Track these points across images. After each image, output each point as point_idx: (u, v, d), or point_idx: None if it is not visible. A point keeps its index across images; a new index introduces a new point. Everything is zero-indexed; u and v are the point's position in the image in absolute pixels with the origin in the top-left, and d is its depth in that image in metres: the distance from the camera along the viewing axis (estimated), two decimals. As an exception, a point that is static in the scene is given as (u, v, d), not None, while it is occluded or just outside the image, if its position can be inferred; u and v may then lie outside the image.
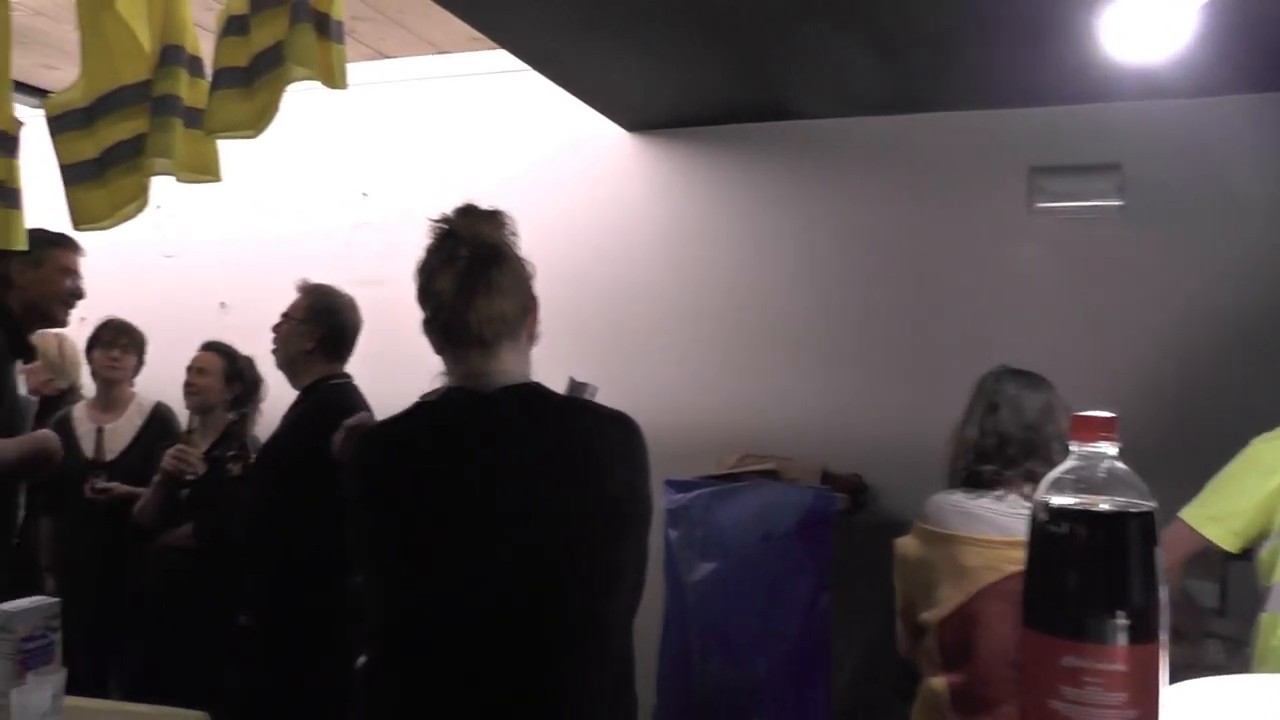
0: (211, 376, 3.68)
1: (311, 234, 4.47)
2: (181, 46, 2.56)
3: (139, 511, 3.55)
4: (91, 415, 3.86)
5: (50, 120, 2.70)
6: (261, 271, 4.41)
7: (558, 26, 3.06)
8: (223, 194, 2.85)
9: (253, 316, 4.21)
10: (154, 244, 3.94)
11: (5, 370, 3.09)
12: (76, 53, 4.11)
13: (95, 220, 2.68)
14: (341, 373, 3.22)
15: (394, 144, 4.41)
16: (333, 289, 3.26)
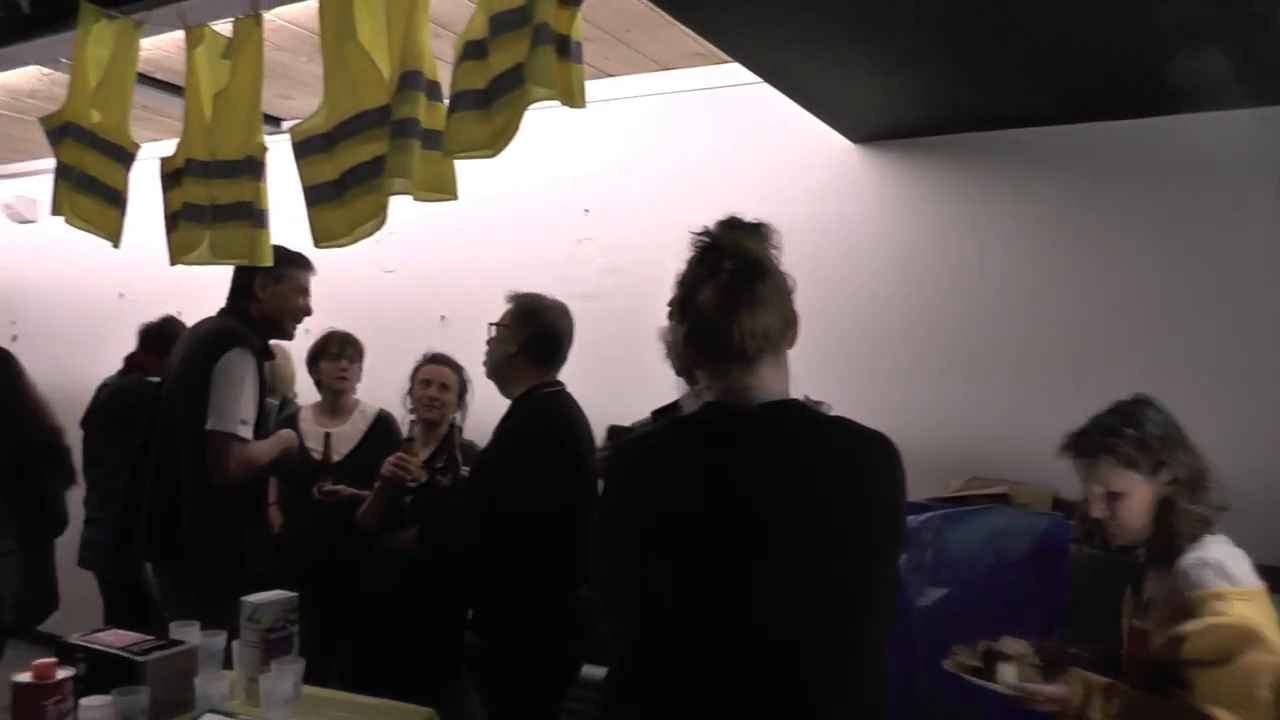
0: (452, 391, 3.79)
1: (532, 250, 4.49)
2: (420, 72, 2.63)
3: (362, 515, 3.66)
4: (318, 420, 4.00)
5: (295, 145, 2.85)
6: (481, 286, 4.47)
7: (792, 39, 2.96)
8: (443, 211, 2.87)
9: (472, 330, 4.30)
10: (374, 259, 4.04)
11: (262, 375, 3.22)
12: (310, 83, 4.37)
13: (335, 238, 2.81)
14: (554, 380, 3.18)
15: (616, 161, 4.39)
16: (540, 295, 3.24)
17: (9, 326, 4.50)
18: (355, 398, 4.07)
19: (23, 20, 3.93)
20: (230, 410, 3.16)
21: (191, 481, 3.21)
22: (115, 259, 4.60)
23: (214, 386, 3.17)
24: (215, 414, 3.15)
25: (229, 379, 3.18)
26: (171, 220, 3.26)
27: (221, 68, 3.12)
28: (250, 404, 3.23)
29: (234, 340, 3.24)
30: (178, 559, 3.27)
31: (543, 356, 3.14)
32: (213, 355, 3.21)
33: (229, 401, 3.17)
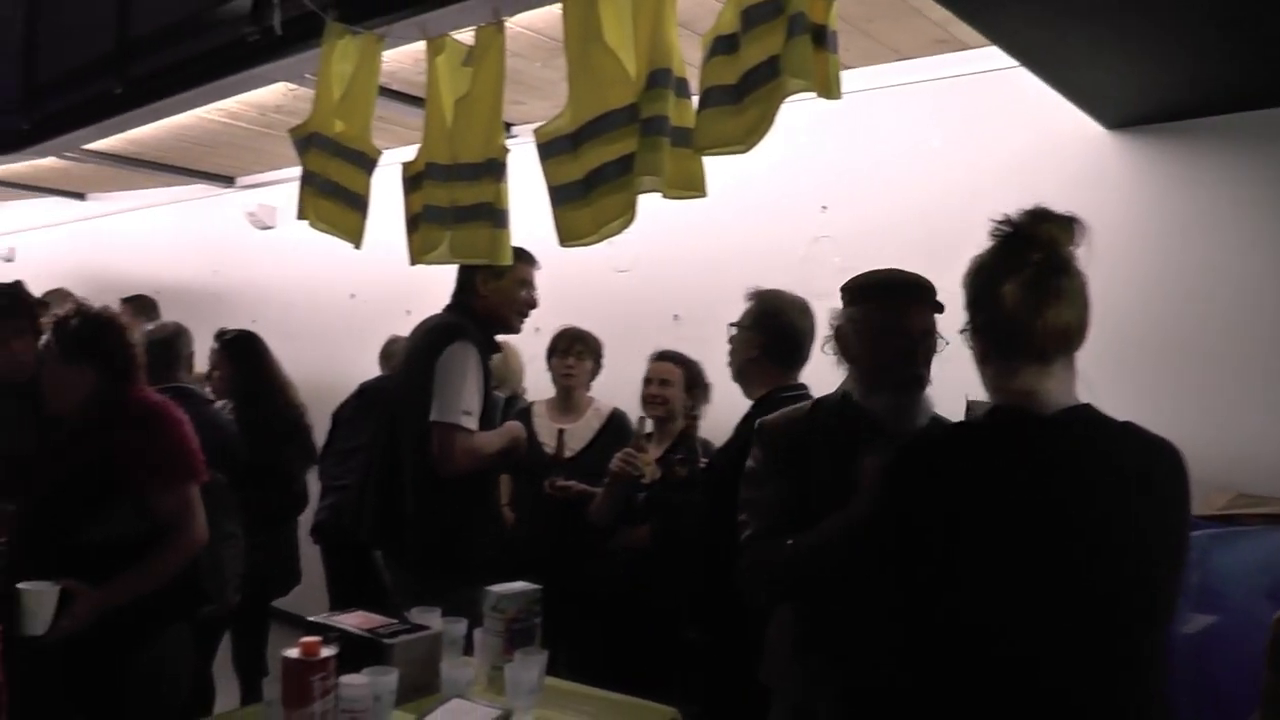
0: (675, 387, 3.75)
1: (767, 248, 4.40)
2: (669, 69, 2.62)
3: (593, 510, 3.67)
4: (551, 416, 4.02)
5: (540, 147, 2.88)
6: (714, 284, 4.41)
7: (1054, 14, 2.77)
8: (676, 209, 2.84)
9: (705, 329, 4.24)
10: (607, 259, 4.04)
11: (485, 367, 3.29)
12: (543, 88, 4.40)
13: (581, 237, 2.83)
14: (796, 383, 3.05)
15: (854, 156, 4.25)
16: (780, 293, 3.12)
17: (249, 324, 4.70)
18: (589, 395, 4.07)
19: (274, 41, 4.12)
20: (454, 402, 3.19)
21: (415, 471, 3.26)
22: (348, 262, 4.81)
23: (438, 379, 3.21)
24: (439, 405, 3.19)
25: (451, 371, 3.21)
26: (412, 222, 3.36)
27: (462, 75, 3.19)
28: (474, 396, 3.26)
29: (456, 334, 3.28)
30: (401, 545, 3.34)
31: (784, 358, 3.02)
32: (436, 349, 3.25)
33: (452, 393, 3.20)
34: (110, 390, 2.64)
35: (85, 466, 2.56)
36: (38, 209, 9.58)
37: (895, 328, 2.23)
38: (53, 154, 6.86)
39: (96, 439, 2.58)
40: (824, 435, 2.29)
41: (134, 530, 2.56)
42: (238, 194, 7.27)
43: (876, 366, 2.25)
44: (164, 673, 2.66)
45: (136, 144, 6.45)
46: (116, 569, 2.49)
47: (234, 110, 5.36)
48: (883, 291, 2.28)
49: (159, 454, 2.62)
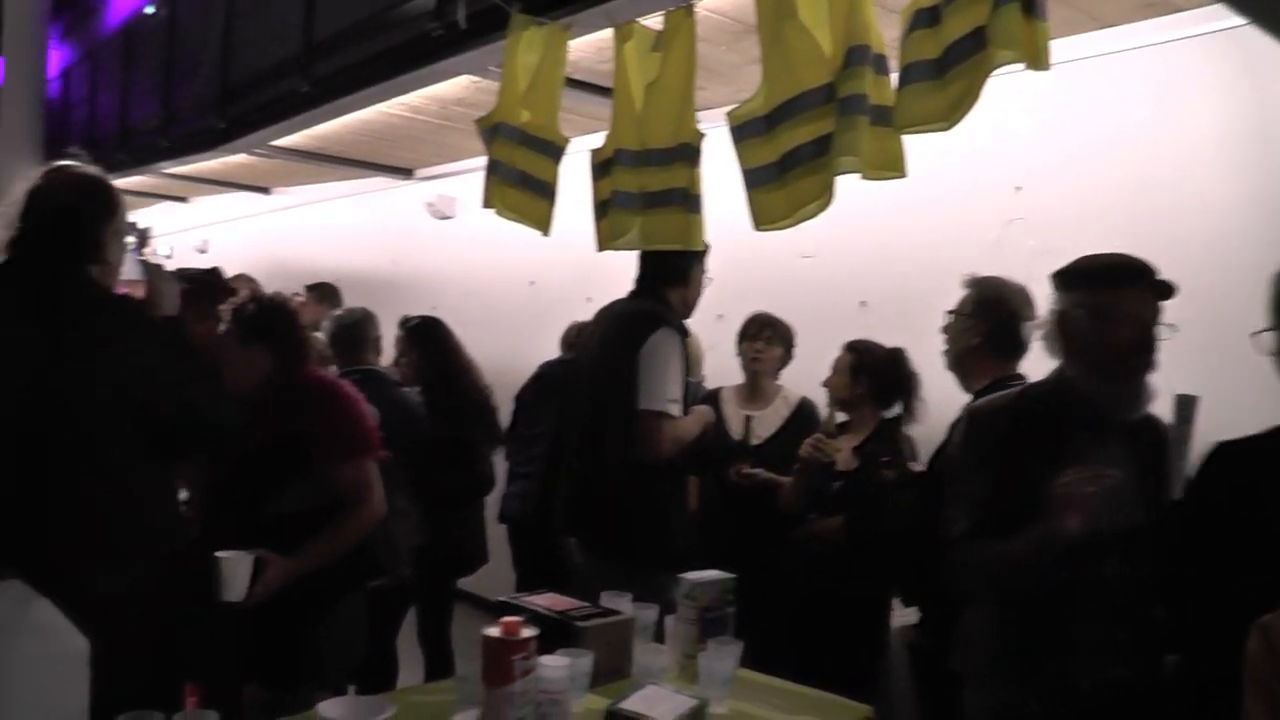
0: (838, 374, 3.66)
1: (956, 231, 4.28)
2: (867, 46, 2.56)
3: (784, 497, 3.65)
4: (739, 403, 4.02)
5: (733, 130, 2.86)
6: (902, 269, 4.33)
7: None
8: (860, 192, 2.79)
9: (893, 315, 4.17)
10: (793, 245, 3.99)
11: (685, 354, 3.35)
12: (726, 73, 4.39)
13: (775, 220, 2.80)
14: (1017, 374, 2.96)
15: (1050, 132, 4.06)
16: (1003, 280, 3.02)
17: (430, 310, 4.85)
18: (778, 384, 4.05)
19: (457, 35, 4.25)
20: (660, 389, 3.23)
21: (620, 459, 3.30)
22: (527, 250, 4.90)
23: (642, 366, 3.24)
24: (646, 393, 3.23)
25: (657, 359, 3.25)
26: (601, 208, 3.40)
27: (651, 60, 3.21)
28: (677, 383, 3.30)
29: (659, 320, 3.31)
30: (605, 533, 3.39)
31: (1006, 348, 2.93)
32: (640, 336, 3.28)
33: (658, 381, 3.24)
34: (284, 371, 2.80)
35: (265, 444, 2.71)
36: (227, 203, 10.16)
37: (1129, 314, 2.17)
38: (243, 151, 7.26)
39: (275, 417, 2.73)
40: (1034, 422, 2.24)
41: (314, 504, 2.69)
42: (417, 185, 7.52)
43: (1108, 354, 2.18)
44: (337, 639, 2.79)
45: (320, 139, 6.77)
46: (298, 540, 2.63)
47: (415, 104, 5.55)
48: (1116, 276, 2.23)
49: (334, 429, 2.75)
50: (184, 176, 8.90)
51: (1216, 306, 3.00)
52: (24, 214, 2.34)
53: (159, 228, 11.40)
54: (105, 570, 2.19)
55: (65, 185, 2.41)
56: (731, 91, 4.65)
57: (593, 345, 3.52)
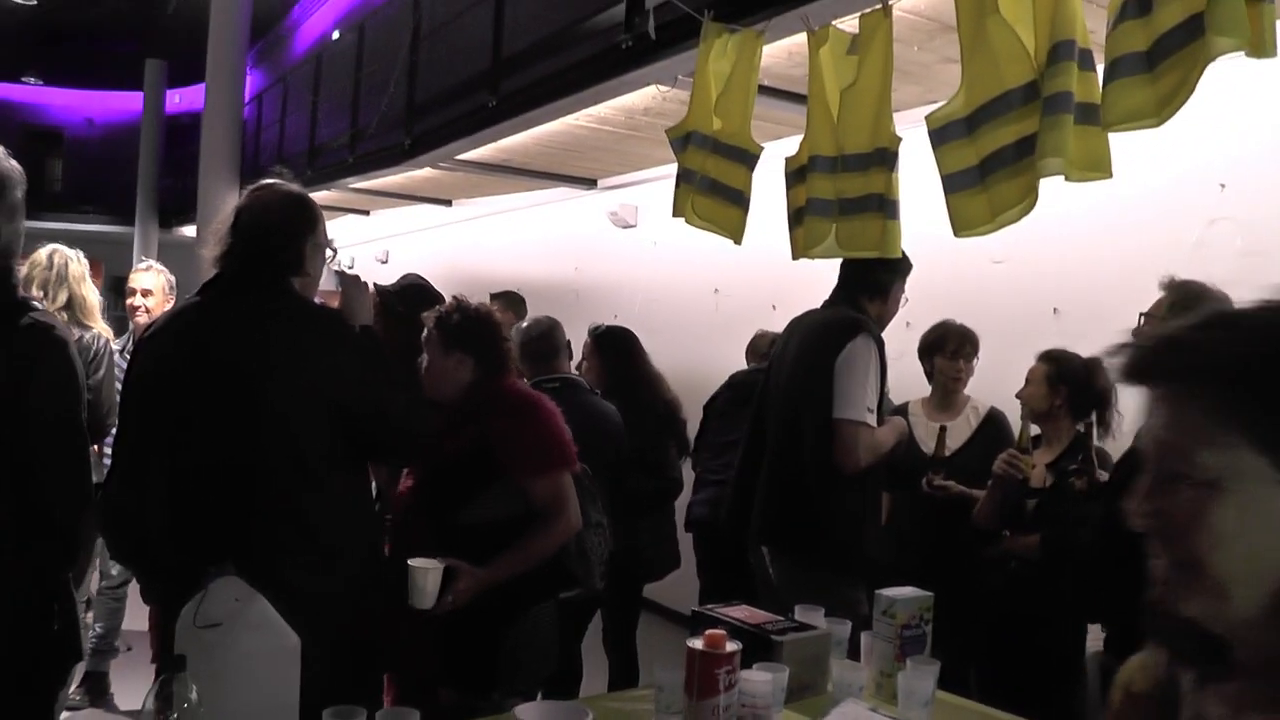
0: (1034, 385, 3.60)
1: (1155, 233, 4.18)
2: (1073, 40, 2.56)
3: (978, 513, 3.62)
4: (929, 414, 4.01)
5: (932, 133, 2.89)
6: (1097, 274, 4.25)
7: None
8: (1054, 193, 2.74)
9: (1088, 322, 4.10)
10: (982, 249, 3.97)
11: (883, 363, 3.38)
12: (915, 73, 4.43)
13: (976, 225, 2.82)
14: None
15: (1259, 124, 3.93)
16: (1199, 283, 2.96)
17: (611, 319, 5.01)
18: (966, 393, 4.03)
19: (647, 46, 4.41)
20: (857, 398, 3.27)
21: (817, 467, 3.34)
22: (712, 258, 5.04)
23: (839, 375, 3.28)
24: (842, 402, 3.27)
25: (855, 367, 3.28)
26: (796, 216, 3.47)
27: (847, 64, 3.26)
28: (874, 391, 3.32)
29: (858, 328, 3.34)
30: (800, 542, 3.42)
31: None
32: (839, 344, 3.32)
33: (856, 389, 3.27)
34: (486, 380, 2.86)
35: (464, 452, 2.77)
36: (408, 215, 10.67)
37: None
38: (428, 165, 7.64)
39: (475, 426, 2.79)
40: None
41: (509, 513, 2.74)
42: (599, 195, 7.77)
43: None
44: (532, 647, 2.86)
45: (505, 152, 7.07)
46: (491, 549, 2.68)
47: (601, 115, 5.75)
48: None
49: (534, 442, 2.79)
50: (369, 191, 9.42)
51: None
52: (232, 230, 2.48)
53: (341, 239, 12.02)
54: (312, 570, 2.31)
55: (270, 202, 2.53)
56: (922, 91, 4.67)
57: (789, 352, 3.55)
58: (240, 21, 10.35)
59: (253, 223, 2.48)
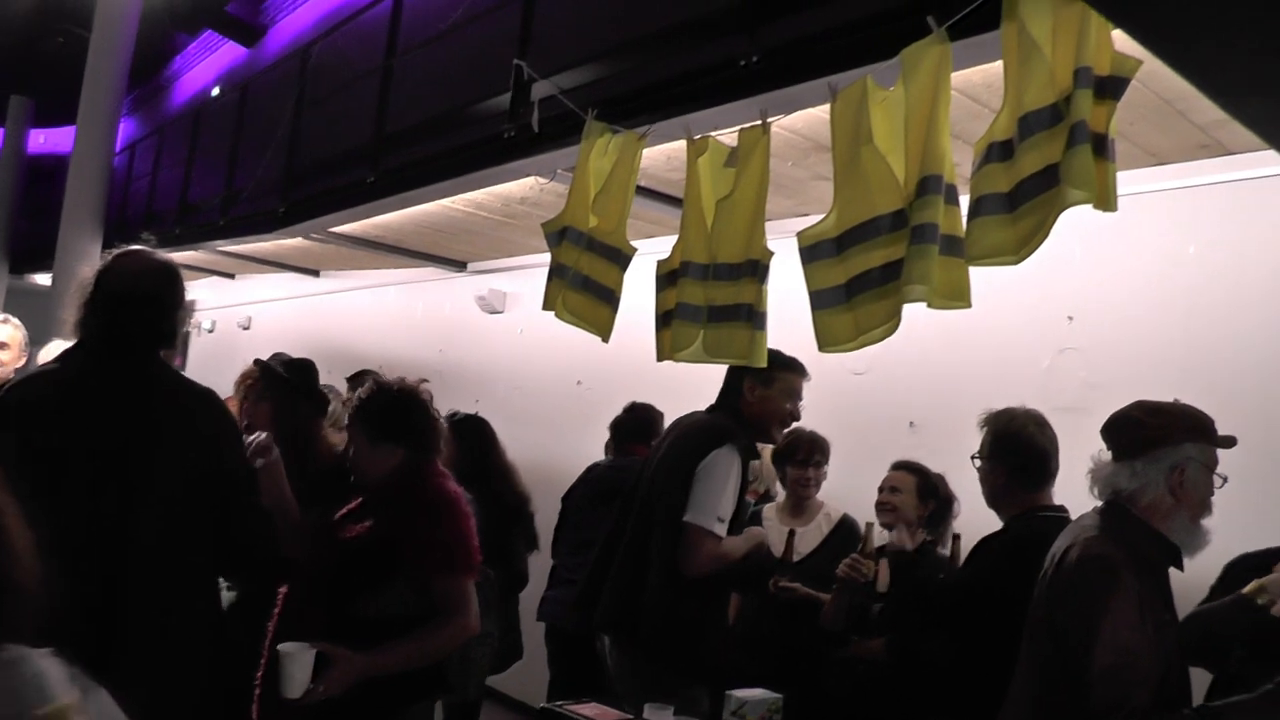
0: (905, 494, 3.67)
1: (1009, 357, 4.34)
2: (941, 175, 2.65)
3: (824, 616, 3.62)
4: (781, 519, 4.03)
5: (802, 250, 2.94)
6: (952, 393, 4.36)
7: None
8: (915, 313, 2.80)
9: (943, 437, 4.19)
10: (843, 361, 4.05)
11: (744, 474, 3.37)
12: (790, 187, 4.53)
13: (840, 343, 2.87)
14: (1052, 504, 2.99)
15: (1104, 264, 4.14)
16: (1013, 412, 3.06)
17: (473, 405, 4.94)
18: (820, 500, 4.07)
19: (530, 137, 4.41)
20: (709, 505, 3.26)
21: (660, 566, 3.33)
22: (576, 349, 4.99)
23: (698, 480, 3.28)
24: (695, 507, 3.26)
25: (714, 475, 3.28)
26: (664, 318, 3.48)
27: (724, 175, 3.31)
28: (729, 502, 3.32)
29: (724, 437, 3.34)
30: (636, 636, 3.38)
31: (1032, 479, 2.97)
32: (703, 449, 3.32)
33: (711, 497, 3.26)
34: (413, 467, 2.76)
35: (372, 540, 2.66)
36: (274, 282, 10.39)
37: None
38: (302, 235, 7.46)
39: (390, 516, 2.69)
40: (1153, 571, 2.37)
41: (407, 610, 2.63)
42: (469, 278, 7.68)
43: (1205, 502, 2.38)
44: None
45: (378, 228, 6.96)
46: (383, 644, 2.56)
47: (478, 200, 5.72)
48: (1217, 435, 2.42)
49: (446, 541, 2.68)
50: (238, 255, 9.15)
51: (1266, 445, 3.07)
52: (104, 297, 2.39)
53: (204, 302, 11.67)
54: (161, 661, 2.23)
55: (146, 271, 2.45)
56: (794, 204, 4.79)
57: (658, 454, 3.55)
58: (119, 64, 10.00)
59: (127, 292, 2.40)
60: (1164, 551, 2.36)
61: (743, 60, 3.64)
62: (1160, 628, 2.27)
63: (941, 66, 2.68)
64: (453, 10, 5.81)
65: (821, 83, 3.08)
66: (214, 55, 14.04)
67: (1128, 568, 2.27)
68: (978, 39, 2.77)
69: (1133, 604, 2.22)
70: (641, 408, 4.72)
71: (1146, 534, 2.35)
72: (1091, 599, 2.26)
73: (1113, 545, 2.31)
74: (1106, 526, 2.36)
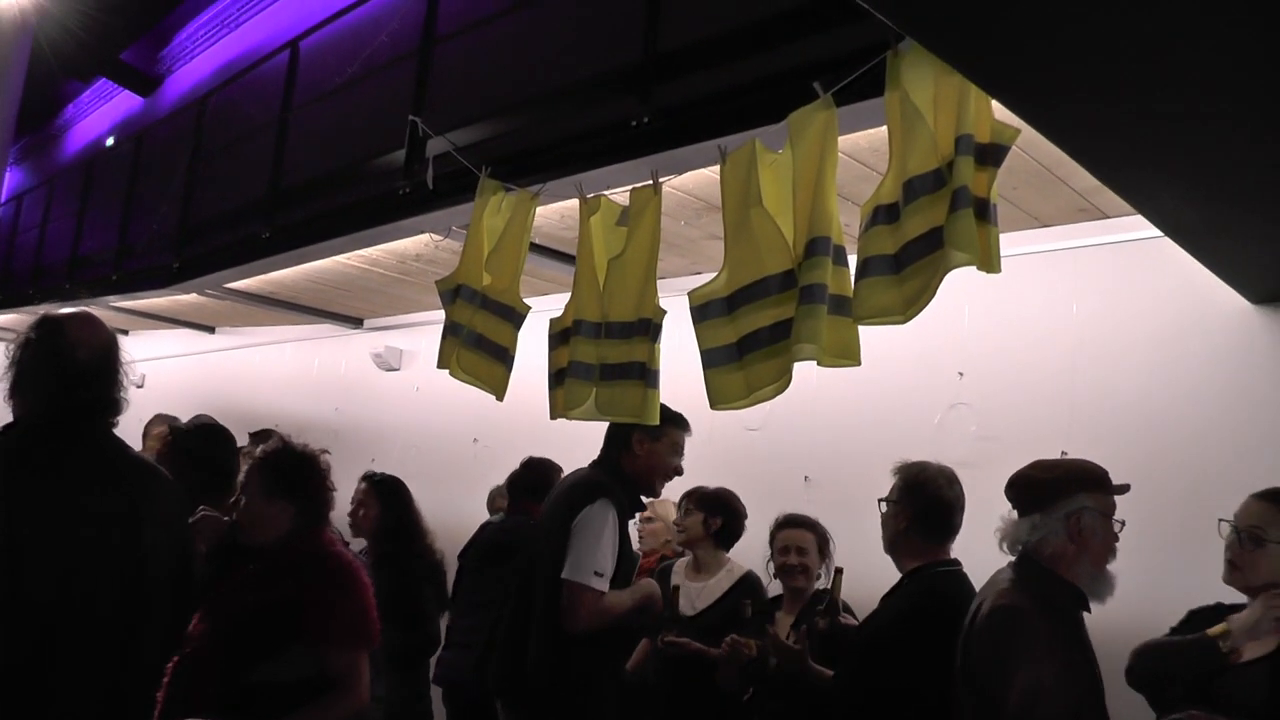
0: (812, 554, 3.65)
1: (902, 413, 4.38)
2: (828, 237, 2.65)
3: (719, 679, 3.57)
4: (687, 574, 3.99)
5: (694, 310, 2.91)
6: (847, 448, 4.38)
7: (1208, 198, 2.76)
8: (810, 371, 2.80)
9: (837, 492, 4.19)
10: (738, 416, 4.04)
11: (625, 528, 3.32)
12: (683, 245, 4.53)
13: (731, 400, 2.83)
14: (948, 559, 2.99)
15: (992, 322, 4.22)
16: (926, 465, 3.07)
17: (368, 463, 4.81)
18: (725, 556, 4.01)
19: (425, 195, 4.33)
20: (586, 561, 3.20)
21: (543, 625, 3.27)
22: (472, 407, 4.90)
23: (574, 536, 3.23)
24: (572, 563, 3.20)
25: (588, 530, 3.23)
26: (557, 376, 3.41)
27: (616, 234, 3.27)
28: (608, 556, 3.26)
29: (598, 493, 3.30)
30: (525, 698, 3.31)
31: (933, 531, 2.97)
32: (577, 505, 3.28)
33: (586, 552, 3.21)
34: (303, 531, 2.71)
35: (270, 607, 2.58)
36: (169, 339, 10.07)
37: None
38: (196, 291, 7.24)
39: (287, 582, 2.62)
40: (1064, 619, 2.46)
41: (302, 676, 2.56)
42: (365, 335, 7.54)
43: (1108, 547, 2.50)
44: None
45: (274, 284, 6.79)
46: (275, 711, 2.49)
47: (373, 257, 5.61)
48: (1110, 484, 2.55)
49: (348, 615, 2.63)
50: (130, 310, 8.84)
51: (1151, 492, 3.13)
52: (62, 368, 2.31)
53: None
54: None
55: (101, 342, 2.40)
56: (687, 263, 4.79)
57: (544, 513, 3.51)
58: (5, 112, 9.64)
59: (95, 363, 2.34)
60: (1071, 597, 2.48)
61: (634, 121, 3.64)
62: (1070, 668, 2.34)
63: (828, 131, 2.69)
64: (349, 64, 5.72)
65: (712, 144, 3.08)
66: (108, 104, 13.66)
67: (1036, 615, 2.38)
68: (863, 104, 2.80)
69: (1041, 648, 2.32)
70: (538, 463, 4.63)
71: (1053, 582, 2.47)
72: (1000, 646, 2.38)
73: (1020, 595, 2.43)
74: (1017, 578, 2.49)
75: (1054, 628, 2.38)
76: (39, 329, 2.36)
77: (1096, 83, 2.16)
